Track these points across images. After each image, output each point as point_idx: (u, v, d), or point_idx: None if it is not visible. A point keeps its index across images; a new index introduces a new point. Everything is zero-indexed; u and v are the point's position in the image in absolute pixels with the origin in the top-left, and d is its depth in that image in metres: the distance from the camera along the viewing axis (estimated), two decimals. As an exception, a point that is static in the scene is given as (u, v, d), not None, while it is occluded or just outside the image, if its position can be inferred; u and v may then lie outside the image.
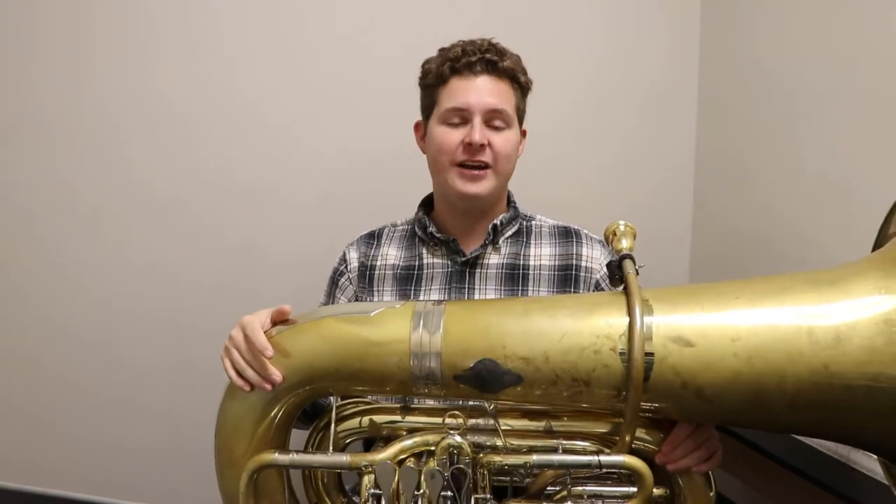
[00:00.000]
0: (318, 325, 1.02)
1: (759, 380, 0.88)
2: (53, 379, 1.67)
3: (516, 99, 1.30)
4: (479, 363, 0.95)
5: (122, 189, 1.64)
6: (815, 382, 0.86)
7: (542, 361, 0.94)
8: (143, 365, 1.72)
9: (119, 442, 1.72)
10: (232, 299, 1.74)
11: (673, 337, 0.91)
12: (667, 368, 0.91)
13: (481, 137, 1.24)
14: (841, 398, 0.86)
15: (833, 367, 0.86)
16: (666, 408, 0.95)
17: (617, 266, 0.99)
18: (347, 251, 1.40)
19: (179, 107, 1.66)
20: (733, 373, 0.89)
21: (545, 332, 0.96)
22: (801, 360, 0.87)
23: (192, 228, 1.71)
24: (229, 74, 1.68)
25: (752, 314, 0.91)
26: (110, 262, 1.66)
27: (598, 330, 0.94)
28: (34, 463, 1.65)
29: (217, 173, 1.71)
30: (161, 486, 1.74)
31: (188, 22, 1.63)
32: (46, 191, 1.59)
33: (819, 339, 0.87)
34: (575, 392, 0.95)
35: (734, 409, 0.92)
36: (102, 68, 1.59)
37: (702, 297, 0.95)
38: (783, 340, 0.88)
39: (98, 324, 1.68)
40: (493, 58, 1.26)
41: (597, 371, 0.93)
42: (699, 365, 0.90)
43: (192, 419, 1.68)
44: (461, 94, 1.25)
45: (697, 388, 0.91)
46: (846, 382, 0.85)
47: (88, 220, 1.63)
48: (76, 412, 1.69)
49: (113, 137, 1.62)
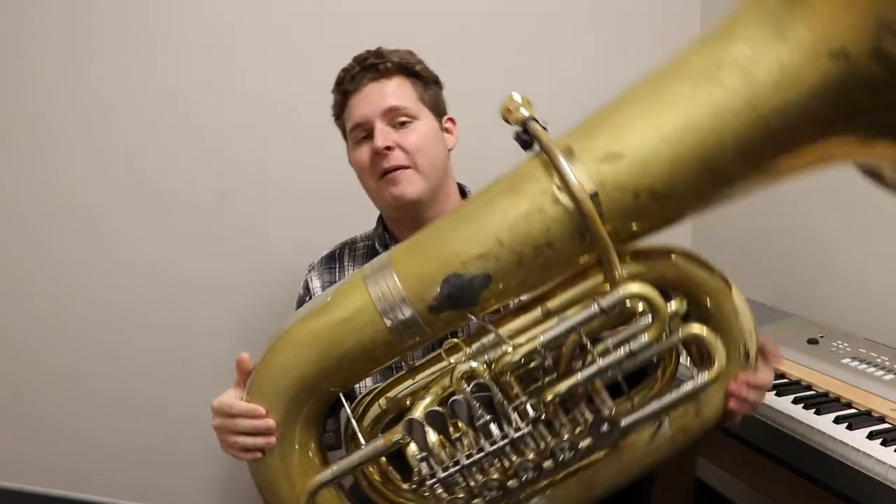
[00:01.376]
0: (287, 337, 1.00)
1: (697, 150, 0.86)
2: (54, 379, 1.64)
3: (417, 91, 1.25)
4: (444, 283, 0.92)
5: (122, 189, 1.63)
6: (747, 124, 0.84)
7: (497, 248, 0.92)
8: (144, 365, 1.70)
9: (119, 442, 1.70)
10: (234, 299, 1.72)
11: (601, 158, 0.89)
12: (611, 190, 0.88)
13: (383, 140, 1.20)
14: (777, 125, 0.84)
15: (754, 101, 0.84)
16: (634, 226, 0.92)
17: (523, 132, 0.95)
18: (310, 279, 1.35)
19: (181, 107, 1.65)
20: (671, 157, 0.87)
21: (486, 221, 0.93)
22: (726, 112, 0.85)
23: (195, 228, 1.69)
24: (234, 73, 1.65)
25: (660, 98, 0.90)
26: (111, 263, 1.64)
27: (533, 192, 0.91)
28: (34, 463, 1.63)
29: (220, 173, 1.68)
30: (161, 486, 1.72)
31: (191, 21, 1.63)
32: (46, 191, 1.57)
33: (729, 83, 0.85)
34: (544, 260, 0.92)
35: (695, 190, 0.90)
36: (103, 68, 1.57)
37: (610, 113, 0.94)
38: (698, 104, 0.86)
39: (98, 323, 1.65)
40: (375, 61, 1.23)
41: (551, 228, 0.90)
42: (637, 168, 0.88)
43: (193, 419, 1.63)
44: (357, 109, 1.23)
45: (648, 190, 0.88)
46: (772, 106, 0.83)
47: (89, 221, 1.61)
48: (77, 412, 1.66)
49: (113, 137, 1.60)
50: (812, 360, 1.42)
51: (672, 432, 0.99)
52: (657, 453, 1.01)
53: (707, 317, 0.98)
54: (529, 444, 0.94)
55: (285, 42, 1.69)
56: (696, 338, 0.96)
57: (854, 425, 1.18)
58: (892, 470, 1.07)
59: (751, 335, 0.98)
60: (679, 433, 1.00)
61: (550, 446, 0.94)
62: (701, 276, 0.97)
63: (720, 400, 0.98)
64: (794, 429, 1.22)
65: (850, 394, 1.29)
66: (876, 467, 1.09)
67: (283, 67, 1.69)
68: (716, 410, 0.99)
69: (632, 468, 1.01)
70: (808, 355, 1.43)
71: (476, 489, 0.94)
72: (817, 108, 0.82)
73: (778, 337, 1.46)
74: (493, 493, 0.94)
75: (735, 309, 0.97)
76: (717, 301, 0.97)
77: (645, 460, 1.01)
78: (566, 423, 0.95)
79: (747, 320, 0.98)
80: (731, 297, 0.98)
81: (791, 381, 1.37)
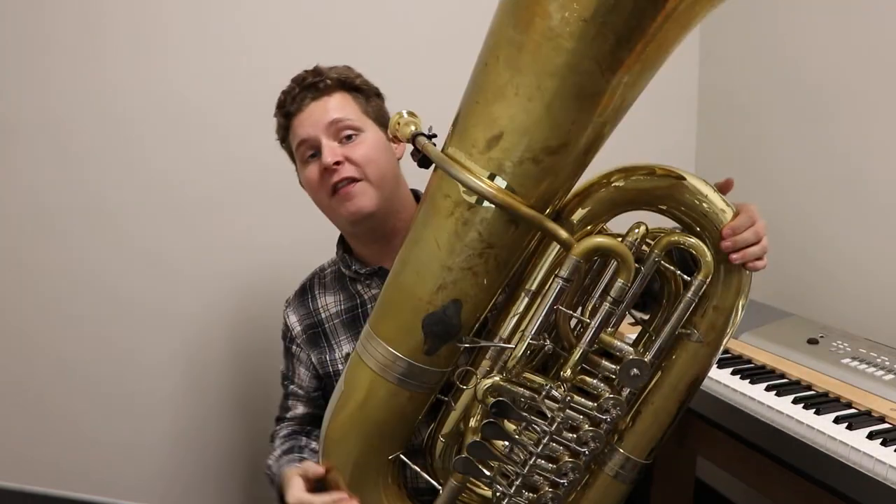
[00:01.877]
0: (329, 437, 1.11)
1: (562, 89, 0.84)
2: (62, 373, 1.64)
3: (359, 104, 1.24)
4: (424, 326, 0.95)
5: (133, 186, 1.63)
6: (594, 40, 0.81)
7: (449, 274, 0.94)
8: (151, 362, 1.69)
9: (126, 440, 1.70)
10: (244, 296, 1.73)
11: (486, 146, 0.89)
12: (511, 168, 0.88)
13: (332, 156, 1.17)
14: (609, 22, 0.80)
15: (582, 13, 0.79)
16: (554, 184, 0.92)
17: (415, 150, 0.95)
18: (287, 316, 1.35)
19: (197, 104, 1.64)
20: (545, 110, 0.85)
21: (425, 256, 0.96)
22: (563, 41, 0.81)
23: (205, 226, 1.70)
24: (248, 72, 1.66)
25: (504, 68, 0.87)
26: (122, 259, 1.64)
27: (448, 208, 0.93)
28: (38, 461, 1.64)
29: (231, 171, 1.69)
30: (161, 486, 1.73)
31: (202, 22, 1.62)
32: (57, 188, 1.58)
33: (549, 10, 0.81)
34: (494, 258, 0.93)
35: (582, 123, 0.87)
36: (115, 68, 1.58)
37: (470, 106, 0.92)
38: (537, 48, 0.84)
39: (108, 319, 1.65)
40: (313, 80, 1.22)
41: (482, 232, 0.92)
42: (521, 137, 0.87)
43: (195, 419, 1.71)
44: (301, 129, 1.21)
45: (543, 149, 0.87)
46: (590, 13, 0.79)
47: (99, 217, 1.62)
48: (81, 408, 1.66)
49: (130, 135, 1.61)
50: (812, 360, 1.41)
51: (704, 335, 0.99)
52: (700, 361, 1.01)
53: (678, 215, 0.97)
54: (577, 418, 0.96)
55: (295, 41, 1.66)
56: (671, 245, 0.94)
57: (854, 425, 1.17)
58: (892, 470, 1.05)
59: (724, 212, 0.95)
60: (710, 332, 0.99)
61: (595, 412, 0.96)
62: (649, 185, 0.95)
63: (727, 282, 0.97)
64: (794, 429, 1.21)
65: (850, 394, 1.27)
66: (876, 467, 1.07)
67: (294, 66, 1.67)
68: (728, 296, 0.97)
69: (686, 385, 1.03)
70: (808, 355, 1.43)
71: (554, 479, 0.99)
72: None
73: (778, 337, 1.47)
74: (570, 476, 0.98)
75: (694, 193, 0.95)
76: (677, 196, 0.95)
77: (692, 373, 1.02)
78: (599, 385, 0.96)
79: (713, 198, 0.95)
80: (685, 185, 0.95)
81: (791, 381, 1.36)
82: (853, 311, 1.62)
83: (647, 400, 1.04)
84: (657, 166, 0.96)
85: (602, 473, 1.07)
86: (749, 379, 1.35)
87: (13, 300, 1.58)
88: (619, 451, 1.05)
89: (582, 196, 0.97)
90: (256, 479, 1.78)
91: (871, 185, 1.58)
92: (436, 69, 1.24)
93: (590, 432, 0.97)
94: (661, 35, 0.83)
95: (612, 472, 1.06)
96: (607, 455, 1.06)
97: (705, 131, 2.08)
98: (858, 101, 1.57)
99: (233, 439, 1.76)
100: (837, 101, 1.60)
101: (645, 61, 0.85)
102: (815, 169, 1.71)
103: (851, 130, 1.61)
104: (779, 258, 1.10)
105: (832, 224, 1.68)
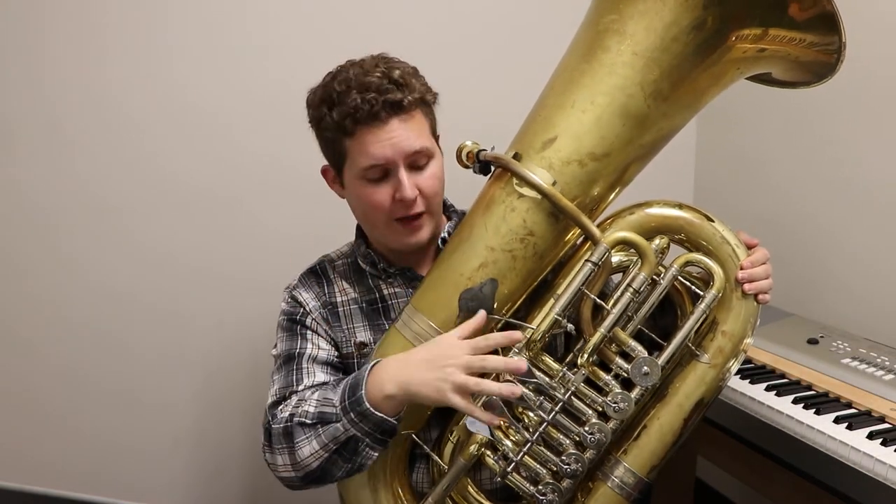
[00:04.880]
0: None
1: (612, 106, 1.04)
2: (62, 373, 1.60)
3: (430, 123, 1.18)
4: (461, 300, 1.06)
5: (133, 184, 1.61)
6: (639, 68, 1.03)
7: (491, 254, 1.07)
8: (152, 359, 1.66)
9: (123, 439, 1.66)
10: (244, 295, 1.71)
11: (541, 147, 1.06)
12: (559, 167, 1.05)
13: (412, 192, 1.12)
14: (664, 60, 1.02)
15: (635, 49, 1.03)
16: (594, 189, 1.07)
17: (478, 161, 1.11)
18: (297, 294, 1.24)
19: (193, 103, 1.62)
20: (595, 121, 1.04)
21: (474, 238, 1.09)
22: (618, 67, 1.03)
23: (206, 224, 1.68)
24: (247, 69, 1.66)
25: (566, 81, 1.08)
26: (122, 257, 1.62)
27: (500, 197, 1.08)
28: (37, 460, 1.59)
29: (231, 168, 1.68)
30: (161, 485, 1.68)
31: (204, 19, 1.62)
32: (58, 186, 1.56)
33: (609, 44, 1.05)
34: (533, 246, 1.07)
35: (626, 139, 1.05)
36: (115, 65, 1.57)
37: (535, 112, 1.11)
38: (595, 70, 1.05)
39: (108, 317, 1.63)
40: (397, 97, 1.10)
41: (526, 219, 1.06)
42: (572, 141, 1.05)
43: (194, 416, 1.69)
44: (376, 149, 1.11)
45: (589, 154, 1.05)
46: (652, 47, 1.02)
47: (99, 215, 1.60)
48: (81, 407, 1.63)
49: (126, 133, 1.60)
50: (812, 360, 1.41)
51: (711, 358, 1.08)
52: (708, 384, 1.09)
53: (696, 246, 1.11)
54: (586, 410, 1.04)
55: (298, 36, 1.68)
56: (689, 262, 1.08)
57: (854, 425, 1.17)
58: (892, 470, 1.06)
59: (738, 247, 1.09)
60: (717, 355, 1.08)
61: (604, 404, 1.03)
62: (675, 215, 1.11)
63: (738, 310, 1.08)
64: (794, 429, 1.22)
65: (850, 394, 1.28)
66: (876, 467, 1.08)
67: (295, 64, 1.64)
68: (737, 322, 1.08)
69: (691, 406, 1.09)
70: (808, 355, 1.43)
71: (557, 469, 1.04)
72: (689, 32, 1.01)
73: (778, 337, 1.47)
74: (573, 467, 1.04)
75: (715, 229, 1.09)
76: (697, 230, 1.10)
77: (698, 393, 1.09)
78: (611, 381, 1.04)
79: (729, 235, 1.09)
80: (707, 223, 1.10)
81: (791, 381, 1.37)
82: (853, 311, 1.62)
83: (654, 415, 1.10)
84: (684, 204, 1.12)
85: (604, 485, 1.10)
86: (749, 379, 1.36)
87: (14, 300, 1.58)
88: (623, 464, 1.10)
89: (614, 217, 1.12)
90: (258, 479, 1.78)
91: (872, 185, 1.57)
92: (436, 69, 1.23)
93: (596, 424, 1.03)
94: (696, 81, 1.05)
95: (614, 485, 1.10)
96: (611, 467, 1.10)
97: (705, 131, 2.08)
98: (859, 100, 1.56)
99: (237, 439, 1.76)
100: (838, 100, 1.60)
101: (680, 99, 1.06)
102: (816, 168, 1.70)
103: (852, 130, 1.60)
104: (779, 258, 1.13)
105: (832, 223, 1.67)
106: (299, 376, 1.17)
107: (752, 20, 1.01)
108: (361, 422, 1.03)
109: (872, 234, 1.58)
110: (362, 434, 1.03)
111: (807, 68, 1.08)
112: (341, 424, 1.04)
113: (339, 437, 1.04)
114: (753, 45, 1.04)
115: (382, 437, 1.04)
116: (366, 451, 1.05)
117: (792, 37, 1.02)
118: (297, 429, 1.07)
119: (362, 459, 1.06)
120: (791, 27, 1.01)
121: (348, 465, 1.07)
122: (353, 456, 1.06)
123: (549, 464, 1.05)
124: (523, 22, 1.85)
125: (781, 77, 1.13)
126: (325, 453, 1.06)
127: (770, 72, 1.12)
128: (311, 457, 1.06)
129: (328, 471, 1.08)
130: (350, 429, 1.03)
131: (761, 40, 1.03)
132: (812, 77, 1.10)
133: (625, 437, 1.11)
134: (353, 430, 1.03)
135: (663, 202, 1.11)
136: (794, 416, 1.22)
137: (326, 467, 1.07)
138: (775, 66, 1.09)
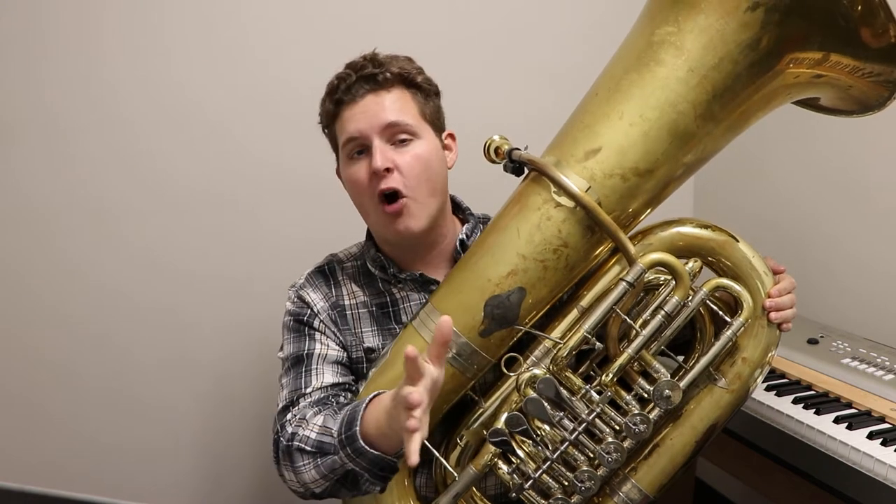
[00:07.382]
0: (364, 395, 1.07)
1: (661, 122, 1.00)
2: (59, 375, 1.60)
3: (418, 104, 1.15)
4: (486, 307, 1.03)
5: (131, 186, 1.60)
6: (693, 86, 0.99)
7: (522, 262, 1.03)
8: (149, 362, 1.65)
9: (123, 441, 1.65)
10: (243, 297, 1.70)
11: (584, 157, 1.02)
12: (601, 179, 1.01)
13: (383, 161, 1.09)
14: (718, 79, 0.99)
15: (692, 65, 0.99)
16: (632, 205, 1.04)
17: (510, 160, 1.07)
18: (304, 294, 1.21)
19: (191, 104, 1.61)
20: (642, 136, 1.01)
21: (505, 243, 1.05)
22: (672, 82, 1.00)
23: (204, 226, 1.67)
24: (245, 71, 1.65)
25: (615, 90, 1.04)
26: (120, 260, 1.61)
27: (537, 204, 1.04)
28: (35, 463, 1.59)
29: (230, 171, 1.67)
30: (161, 485, 1.68)
31: (202, 19, 1.60)
32: (55, 188, 1.54)
33: (667, 59, 1.00)
34: (566, 259, 1.03)
35: (672, 157, 1.02)
36: (113, 66, 1.56)
37: (577, 119, 1.07)
38: (647, 84, 1.01)
39: (105, 320, 1.61)
40: (373, 71, 1.12)
41: (562, 229, 1.02)
42: (616, 154, 1.01)
43: (195, 418, 1.68)
44: (351, 123, 1.12)
45: (633, 169, 1.01)
46: (708, 65, 0.99)
47: (97, 217, 1.58)
48: (80, 409, 1.62)
49: (123, 135, 1.58)
50: (812, 360, 1.41)
51: (729, 383, 1.08)
52: (723, 408, 1.09)
53: (724, 269, 1.09)
54: (604, 429, 1.03)
55: (299, 40, 1.66)
56: (719, 287, 1.05)
57: (854, 425, 1.17)
58: (892, 470, 1.06)
59: (766, 274, 1.07)
60: (735, 381, 1.07)
61: (624, 424, 1.02)
62: (706, 236, 1.08)
63: (760, 337, 1.07)
64: (794, 429, 1.22)
65: (850, 394, 1.28)
66: (876, 467, 1.08)
67: (295, 65, 1.64)
68: (758, 349, 1.07)
69: (704, 428, 1.09)
70: (808, 355, 1.43)
71: (569, 486, 1.03)
72: (747, 54, 0.97)
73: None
74: (586, 485, 1.02)
75: (745, 254, 1.07)
76: (727, 252, 1.08)
77: (713, 416, 1.09)
78: (631, 401, 1.03)
79: (758, 262, 1.07)
80: (738, 246, 1.08)
81: (791, 381, 1.37)
82: (853, 311, 1.62)
83: (666, 435, 1.10)
84: (719, 227, 1.10)
85: (610, 501, 1.11)
86: (749, 379, 1.36)
87: (14, 300, 1.57)
88: (631, 481, 1.10)
89: (645, 233, 1.09)
90: (260, 480, 1.78)
91: (872, 185, 1.57)
92: (436, 70, 1.23)
93: (613, 444, 1.02)
94: (747, 102, 1.02)
95: (619, 500, 1.10)
96: (619, 483, 1.10)
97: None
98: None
99: (238, 441, 1.75)
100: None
101: (728, 120, 1.03)
102: (815, 169, 1.70)
103: (852, 130, 1.60)
104: (779, 258, 1.12)
105: (832, 224, 1.67)
106: (308, 379, 1.14)
107: (811, 44, 0.97)
108: (358, 458, 0.98)
109: (872, 234, 1.58)
110: (361, 469, 0.99)
111: (855, 99, 1.05)
112: (339, 458, 0.99)
113: (337, 470, 1.01)
114: (810, 70, 1.00)
115: (382, 473, 0.99)
116: (367, 486, 1.01)
117: (855, 66, 0.98)
118: (297, 454, 1.04)
119: (367, 489, 1.02)
120: (856, 55, 0.97)
121: (354, 491, 1.04)
122: (354, 487, 1.02)
123: (561, 479, 1.03)
124: (523, 22, 1.84)
125: (827, 104, 1.10)
126: (327, 483, 1.03)
127: (818, 97, 1.08)
128: (313, 483, 1.04)
129: (334, 494, 1.06)
130: (348, 463, 0.99)
131: (819, 65, 0.99)
132: (857, 108, 1.07)
133: (635, 455, 1.10)
134: (350, 464, 0.99)
135: (695, 222, 1.09)
136: (794, 416, 1.23)
137: (332, 492, 1.05)
138: (826, 92, 1.06)
